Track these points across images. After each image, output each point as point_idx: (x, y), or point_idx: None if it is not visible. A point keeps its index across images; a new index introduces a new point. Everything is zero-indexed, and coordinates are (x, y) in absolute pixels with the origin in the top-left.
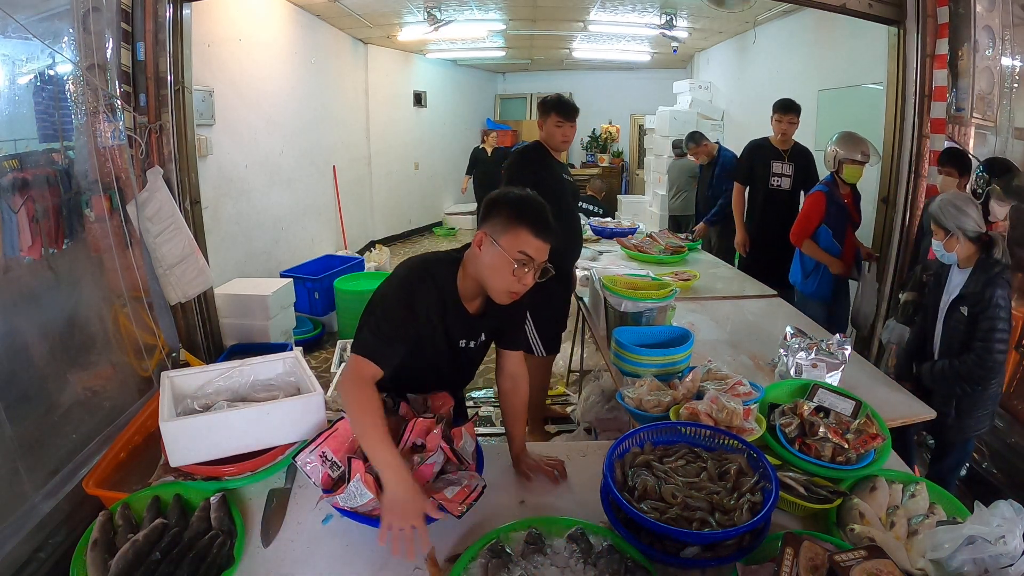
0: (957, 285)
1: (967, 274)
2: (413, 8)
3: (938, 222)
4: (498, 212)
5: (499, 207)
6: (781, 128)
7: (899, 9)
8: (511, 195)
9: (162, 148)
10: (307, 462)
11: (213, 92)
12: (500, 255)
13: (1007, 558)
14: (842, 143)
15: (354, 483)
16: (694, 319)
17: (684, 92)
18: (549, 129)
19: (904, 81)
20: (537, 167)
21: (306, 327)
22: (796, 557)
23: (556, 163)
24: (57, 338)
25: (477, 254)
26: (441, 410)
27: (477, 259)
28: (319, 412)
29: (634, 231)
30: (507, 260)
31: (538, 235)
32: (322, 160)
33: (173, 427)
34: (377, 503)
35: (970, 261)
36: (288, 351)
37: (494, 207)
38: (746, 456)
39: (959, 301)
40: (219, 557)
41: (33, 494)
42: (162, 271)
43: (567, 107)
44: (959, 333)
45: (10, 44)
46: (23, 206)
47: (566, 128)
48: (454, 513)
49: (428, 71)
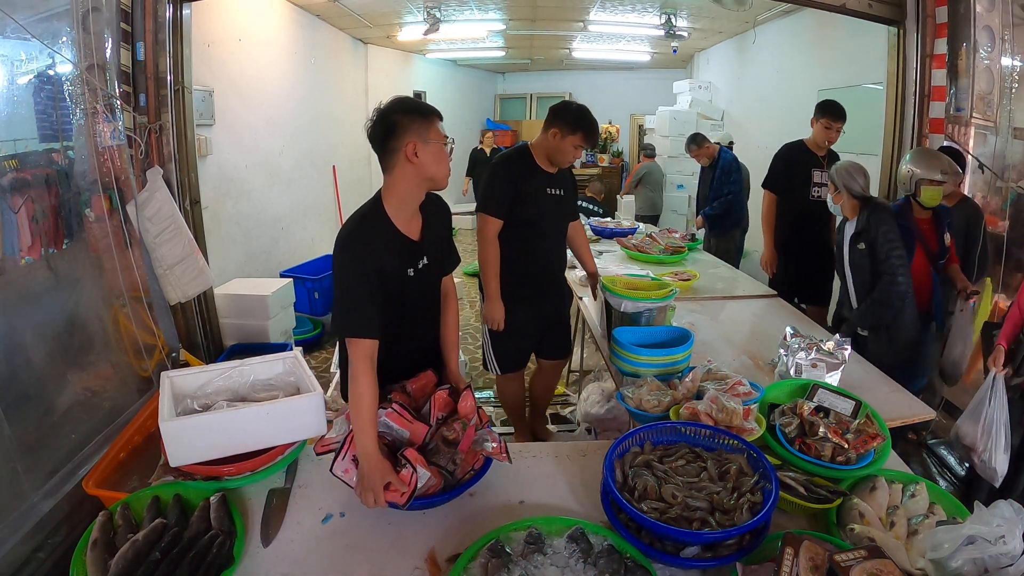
0: (848, 232)
1: (855, 222)
2: (413, 8)
3: (831, 178)
4: (410, 121)
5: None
6: (828, 135)
7: (899, 9)
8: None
9: (162, 148)
10: (345, 469)
11: (213, 92)
12: (435, 147)
13: (1007, 558)
14: (918, 161)
15: (421, 471)
16: (694, 319)
17: (684, 92)
18: (564, 147)
19: (904, 81)
20: (516, 174)
21: (306, 327)
22: (796, 557)
23: (543, 174)
24: (57, 338)
25: (416, 164)
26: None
27: (418, 168)
28: (319, 412)
29: (634, 231)
30: (440, 147)
31: (435, 116)
32: (322, 160)
33: (173, 427)
34: (434, 479)
35: (851, 212)
36: (288, 351)
37: (399, 124)
38: (746, 456)
39: (855, 239)
40: (219, 557)
41: (32, 494)
42: (162, 271)
43: (593, 132)
44: (864, 269)
45: (9, 44)
46: (23, 206)
47: (581, 151)
48: (503, 460)
49: (428, 71)
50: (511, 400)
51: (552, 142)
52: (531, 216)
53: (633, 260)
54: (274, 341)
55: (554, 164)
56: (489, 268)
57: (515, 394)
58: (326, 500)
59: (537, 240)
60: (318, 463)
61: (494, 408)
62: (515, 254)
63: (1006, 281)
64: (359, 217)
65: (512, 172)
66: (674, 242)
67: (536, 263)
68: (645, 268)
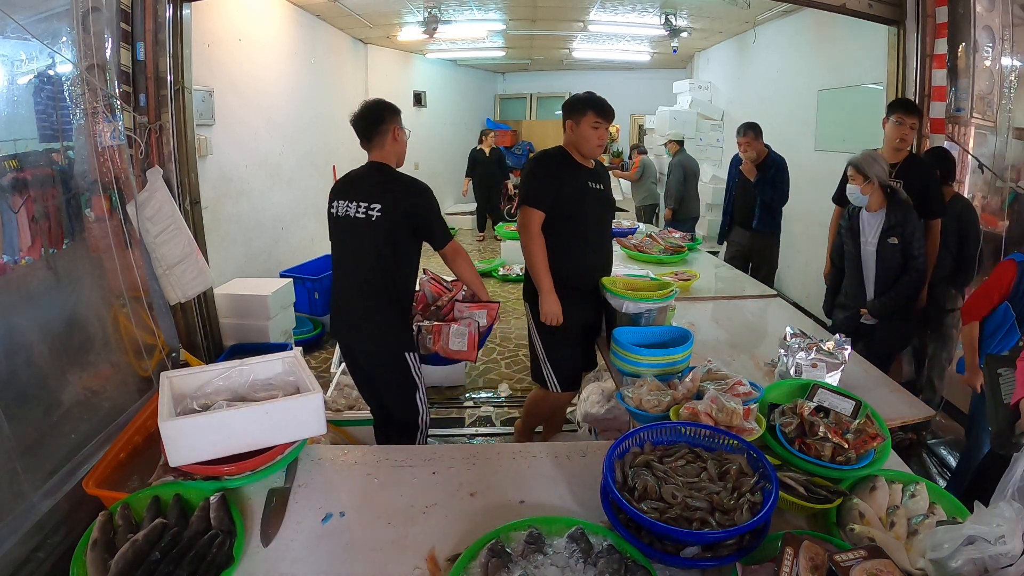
0: (875, 225)
1: (881, 215)
2: (413, 8)
3: (859, 169)
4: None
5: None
6: (900, 132)
7: (899, 9)
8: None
9: (162, 148)
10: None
11: (213, 92)
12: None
13: (1007, 558)
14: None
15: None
16: (694, 319)
17: (684, 92)
18: (583, 132)
19: (904, 81)
20: (557, 169)
21: (306, 327)
22: (796, 557)
23: (583, 169)
24: (57, 338)
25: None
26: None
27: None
28: (319, 412)
29: (634, 231)
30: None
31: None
32: (322, 160)
33: (173, 427)
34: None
35: (877, 204)
36: (288, 351)
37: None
38: (746, 456)
39: (888, 233)
40: (219, 556)
41: (32, 494)
42: (162, 271)
43: (605, 106)
44: (895, 261)
45: (9, 44)
46: (23, 206)
47: (603, 130)
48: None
49: (428, 71)
50: (543, 413)
51: (573, 135)
52: (576, 210)
53: (633, 260)
54: (274, 341)
55: (586, 156)
56: (538, 262)
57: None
58: (326, 500)
59: (585, 236)
60: (318, 463)
61: (495, 408)
62: (564, 251)
63: None
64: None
65: (552, 166)
66: (674, 242)
67: (586, 260)
68: (645, 268)
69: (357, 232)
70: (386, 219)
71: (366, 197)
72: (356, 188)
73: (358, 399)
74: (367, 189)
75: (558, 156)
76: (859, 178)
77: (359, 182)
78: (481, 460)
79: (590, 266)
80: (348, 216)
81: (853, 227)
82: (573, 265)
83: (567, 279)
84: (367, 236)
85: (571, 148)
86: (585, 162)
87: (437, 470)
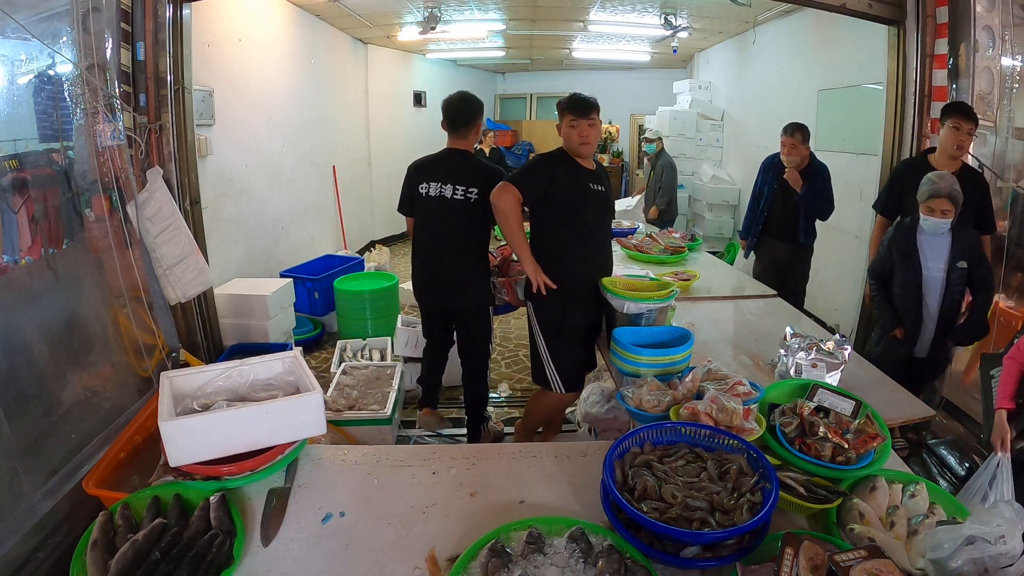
0: (940, 248)
1: (946, 239)
2: (413, 8)
3: (954, 199)
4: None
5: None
6: (957, 139)
7: (899, 9)
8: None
9: (162, 148)
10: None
11: (213, 92)
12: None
13: (1007, 558)
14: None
15: None
16: (694, 319)
17: (684, 92)
18: (565, 132)
19: (904, 81)
20: (555, 166)
21: (306, 327)
22: (796, 557)
23: (584, 171)
24: (57, 338)
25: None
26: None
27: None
28: (318, 412)
29: (634, 231)
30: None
31: None
32: (322, 160)
33: (173, 427)
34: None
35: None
36: (288, 351)
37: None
38: (746, 456)
39: (957, 257)
40: (219, 557)
41: (32, 494)
42: (162, 271)
43: (578, 103)
44: (961, 285)
45: (9, 44)
46: (23, 206)
47: (582, 127)
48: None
49: (428, 71)
50: (545, 415)
51: (563, 138)
52: (578, 211)
53: (633, 260)
54: (274, 341)
55: (582, 156)
56: (515, 232)
57: (553, 409)
58: (326, 500)
59: (588, 237)
60: (318, 462)
61: (495, 408)
62: (567, 253)
63: (1007, 281)
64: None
65: (550, 163)
66: (674, 242)
67: (588, 261)
68: (645, 268)
69: (455, 211)
70: (482, 200)
71: (463, 181)
72: (448, 172)
73: (358, 399)
74: (462, 174)
75: (558, 156)
76: (952, 210)
77: (448, 166)
78: (481, 460)
79: (592, 267)
80: (443, 196)
81: (909, 252)
82: (576, 266)
83: (570, 280)
84: (466, 214)
85: (569, 150)
86: (586, 163)
87: (437, 470)
